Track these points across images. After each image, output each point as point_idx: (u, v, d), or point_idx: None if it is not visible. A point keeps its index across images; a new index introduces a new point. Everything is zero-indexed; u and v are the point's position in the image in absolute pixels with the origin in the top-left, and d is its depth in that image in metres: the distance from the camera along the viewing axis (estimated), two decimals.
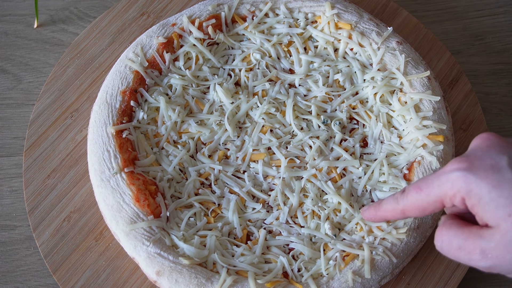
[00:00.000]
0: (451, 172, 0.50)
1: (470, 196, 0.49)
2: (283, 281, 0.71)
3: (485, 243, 0.49)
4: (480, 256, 0.50)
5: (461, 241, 0.51)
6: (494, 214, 0.48)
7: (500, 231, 0.48)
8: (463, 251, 0.51)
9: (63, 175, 0.82)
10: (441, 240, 0.53)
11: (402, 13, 0.96)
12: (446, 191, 0.51)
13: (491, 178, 0.48)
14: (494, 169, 0.49)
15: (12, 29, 0.99)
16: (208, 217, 0.76)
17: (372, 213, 0.59)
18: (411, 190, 0.54)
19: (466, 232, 0.51)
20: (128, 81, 0.80)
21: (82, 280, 0.75)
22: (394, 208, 0.56)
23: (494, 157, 0.49)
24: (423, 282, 0.77)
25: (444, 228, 0.53)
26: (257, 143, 0.80)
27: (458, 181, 0.49)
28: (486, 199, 0.48)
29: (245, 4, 0.87)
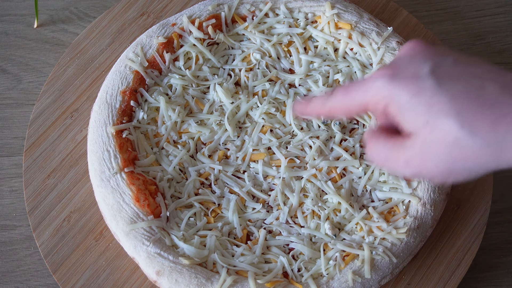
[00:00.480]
0: (376, 79, 0.51)
1: (392, 104, 0.50)
2: (283, 281, 0.71)
3: (407, 152, 0.50)
4: (404, 164, 0.51)
5: (387, 151, 0.52)
6: (413, 122, 0.49)
7: (419, 138, 0.49)
8: (389, 161, 0.52)
9: (63, 175, 0.82)
10: (370, 151, 0.54)
11: (402, 13, 0.96)
12: (370, 97, 0.51)
13: (412, 86, 0.48)
14: (416, 76, 0.49)
15: (12, 29, 0.99)
16: (208, 217, 0.76)
17: (301, 108, 0.59)
18: (339, 92, 0.54)
19: (391, 142, 0.52)
20: (128, 81, 0.80)
21: (82, 280, 0.75)
22: (322, 107, 0.57)
23: (418, 65, 0.50)
24: (423, 282, 0.77)
25: (373, 140, 0.54)
26: (257, 143, 0.80)
27: (382, 88, 0.50)
28: (406, 107, 0.49)
29: (245, 4, 0.87)
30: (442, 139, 0.47)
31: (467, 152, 0.47)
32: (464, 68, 0.49)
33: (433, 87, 0.48)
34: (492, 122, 0.46)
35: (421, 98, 0.48)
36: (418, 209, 0.75)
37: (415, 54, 0.51)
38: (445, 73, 0.49)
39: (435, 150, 0.48)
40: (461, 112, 0.46)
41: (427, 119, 0.48)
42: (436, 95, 0.47)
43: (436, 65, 0.49)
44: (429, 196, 0.75)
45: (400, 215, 0.75)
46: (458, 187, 0.83)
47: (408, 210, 0.75)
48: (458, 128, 0.46)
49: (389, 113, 0.51)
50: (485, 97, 0.46)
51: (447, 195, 0.78)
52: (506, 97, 0.46)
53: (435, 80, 0.48)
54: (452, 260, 0.78)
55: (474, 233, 0.80)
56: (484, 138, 0.46)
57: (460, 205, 0.82)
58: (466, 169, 0.48)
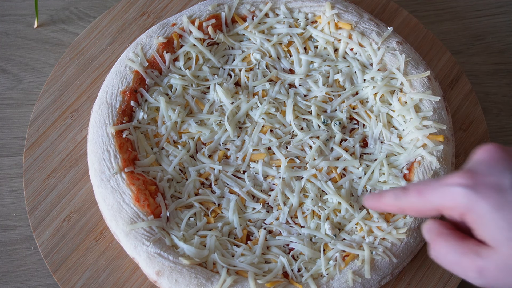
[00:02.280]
0: (454, 186, 0.49)
1: (470, 213, 0.49)
2: (283, 281, 0.71)
3: (482, 262, 0.48)
4: (477, 274, 0.49)
5: (458, 257, 0.50)
6: (494, 235, 0.47)
7: (499, 253, 0.47)
8: (459, 267, 0.50)
9: (63, 175, 0.82)
10: (437, 251, 0.52)
11: (402, 13, 0.96)
12: (446, 203, 0.50)
13: (494, 199, 0.47)
14: (497, 189, 0.48)
15: (12, 29, 0.99)
16: (208, 217, 0.76)
17: (373, 203, 0.59)
18: (412, 192, 0.53)
19: (464, 247, 0.50)
20: (128, 81, 0.80)
21: (82, 280, 0.75)
22: (394, 204, 0.56)
23: (498, 175, 0.48)
24: (423, 282, 0.77)
25: (441, 240, 0.52)
26: (257, 143, 0.80)
27: (460, 196, 0.49)
28: (487, 219, 0.47)
29: (245, 4, 0.87)
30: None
31: None
32: None
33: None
34: None
35: (504, 213, 0.47)
36: None
37: (495, 162, 0.50)
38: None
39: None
40: None
41: (510, 236, 0.46)
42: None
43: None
44: None
45: (400, 215, 0.75)
46: None
47: None
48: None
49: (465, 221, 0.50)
50: None
51: None
52: None
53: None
54: None
55: None
56: None
57: None
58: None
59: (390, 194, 0.56)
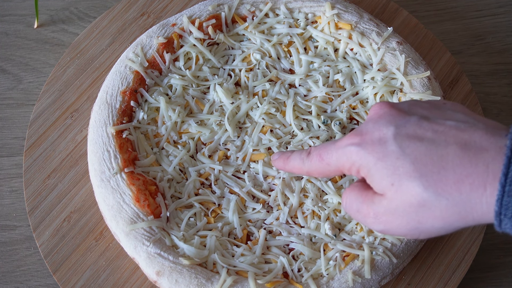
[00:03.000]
0: (346, 147, 0.54)
1: (361, 168, 0.53)
2: (283, 281, 0.71)
3: (375, 207, 0.53)
4: (374, 219, 0.53)
5: (359, 204, 0.55)
6: (380, 184, 0.51)
7: (387, 198, 0.51)
8: (360, 214, 0.55)
9: (63, 175, 0.82)
10: (345, 201, 0.57)
11: (402, 13, 0.96)
12: (343, 163, 0.55)
13: (377, 151, 0.51)
14: (381, 141, 0.52)
15: (12, 29, 0.99)
16: (208, 217, 0.76)
17: (281, 164, 0.63)
18: (314, 157, 0.58)
19: (364, 196, 0.54)
20: (128, 81, 0.80)
21: (82, 280, 0.75)
22: (300, 167, 0.60)
23: (382, 129, 0.52)
24: (423, 282, 0.77)
25: (348, 190, 0.57)
26: (257, 143, 0.80)
27: (351, 155, 0.53)
28: (373, 171, 0.52)
29: (245, 4, 0.87)
30: (408, 200, 0.49)
31: (434, 212, 0.49)
32: (428, 126, 0.51)
33: (397, 151, 0.50)
34: (456, 182, 0.47)
35: (386, 163, 0.50)
36: None
37: (380, 118, 0.54)
38: (407, 135, 0.50)
39: (402, 210, 0.50)
40: (424, 174, 0.48)
41: (392, 182, 0.50)
42: (399, 159, 0.50)
43: (399, 127, 0.51)
44: None
45: None
46: None
47: None
48: (423, 190, 0.48)
49: (363, 177, 0.54)
50: (447, 158, 0.48)
51: None
52: (467, 158, 0.47)
53: (398, 144, 0.50)
54: (452, 260, 0.78)
55: (474, 233, 0.80)
56: (449, 198, 0.47)
57: None
58: (436, 228, 0.50)
59: (296, 157, 0.61)
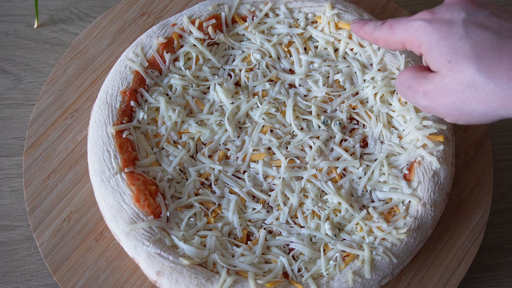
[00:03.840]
0: (415, 20, 0.56)
1: (424, 44, 0.55)
2: (283, 281, 0.71)
3: (427, 84, 0.55)
4: (422, 95, 0.56)
5: (411, 81, 0.57)
6: (437, 60, 0.54)
7: (440, 75, 0.54)
8: (410, 89, 0.57)
9: (63, 175, 0.82)
10: (399, 78, 0.59)
11: (402, 13, 0.96)
12: (408, 36, 0.57)
13: (443, 30, 0.54)
14: (450, 23, 0.54)
15: (12, 29, 0.99)
16: (208, 217, 0.76)
17: (357, 28, 0.65)
18: (386, 26, 0.60)
19: (418, 74, 0.57)
20: (128, 81, 0.80)
21: (82, 280, 0.75)
22: (371, 34, 0.63)
23: (454, 13, 0.55)
24: (423, 282, 0.77)
25: (404, 70, 0.59)
26: (257, 143, 0.80)
27: (418, 29, 0.56)
28: (434, 47, 0.54)
29: (245, 4, 0.87)
30: (459, 78, 0.52)
31: (480, 94, 0.51)
32: (497, 20, 0.53)
33: (461, 33, 0.53)
34: (507, 69, 0.50)
35: (448, 41, 0.53)
36: (418, 210, 0.75)
37: (454, 3, 0.56)
38: (476, 22, 0.53)
39: (451, 87, 0.53)
40: (481, 57, 0.51)
41: (449, 59, 0.52)
42: (462, 40, 0.52)
43: (470, 15, 0.54)
44: (429, 197, 0.75)
45: (400, 215, 0.75)
46: (458, 187, 0.83)
47: (408, 210, 0.75)
48: (475, 70, 0.51)
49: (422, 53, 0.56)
50: (506, 48, 0.51)
51: (447, 196, 0.78)
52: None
53: (465, 28, 0.53)
54: (452, 261, 0.78)
55: (474, 233, 0.80)
56: (497, 82, 0.50)
57: (460, 205, 0.82)
58: (478, 111, 0.53)
59: (370, 24, 0.63)
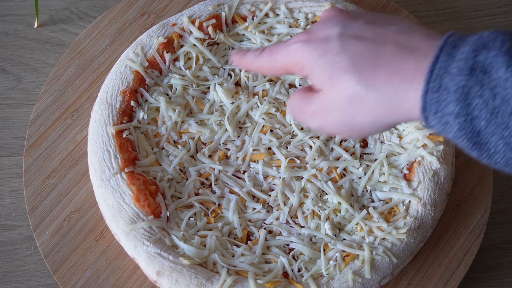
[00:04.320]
0: (293, 43, 0.55)
1: (305, 65, 0.54)
2: (283, 281, 0.71)
3: (313, 104, 0.54)
4: (311, 116, 0.55)
5: (300, 104, 0.56)
6: (319, 79, 0.53)
7: (323, 93, 0.53)
8: (300, 112, 0.56)
9: (63, 175, 0.82)
10: (290, 102, 0.58)
11: (403, 13, 0.96)
12: (289, 60, 0.56)
13: (320, 48, 0.53)
14: (326, 39, 0.53)
15: (12, 29, 0.99)
16: (208, 217, 0.76)
17: (237, 60, 0.63)
18: (265, 53, 0.59)
19: (305, 95, 0.56)
20: (128, 81, 0.80)
21: (82, 280, 0.75)
22: (252, 64, 0.61)
23: (329, 29, 0.54)
24: (423, 282, 0.77)
25: (294, 94, 0.58)
26: (257, 143, 0.80)
27: (297, 51, 0.54)
28: (314, 66, 0.53)
29: (245, 4, 0.87)
30: (341, 93, 0.51)
31: (364, 105, 0.51)
32: (372, 29, 0.53)
33: (338, 48, 0.52)
34: (386, 76, 0.49)
35: (327, 58, 0.52)
36: (419, 209, 0.75)
37: (328, 19, 0.55)
38: (351, 35, 0.52)
39: (336, 104, 0.52)
40: (359, 69, 0.50)
41: (329, 76, 0.52)
42: (339, 54, 0.51)
43: (345, 28, 0.53)
44: (429, 197, 0.75)
45: (400, 215, 0.75)
46: (458, 187, 0.83)
47: (408, 210, 0.75)
48: (356, 83, 0.50)
49: (305, 76, 0.55)
50: (382, 56, 0.50)
51: (447, 195, 0.78)
52: (400, 55, 0.50)
53: (340, 41, 0.52)
54: (452, 260, 0.78)
55: (474, 233, 0.80)
56: (379, 92, 0.50)
57: (460, 205, 0.82)
58: (366, 123, 0.52)
59: (250, 54, 0.61)
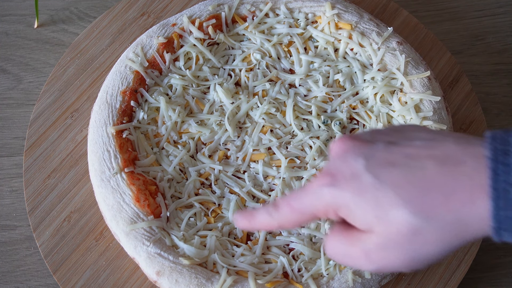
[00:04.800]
0: (317, 189, 0.50)
1: (340, 208, 0.49)
2: (283, 281, 0.71)
3: (365, 247, 0.49)
4: (365, 260, 0.49)
5: (346, 247, 0.50)
6: (364, 220, 0.48)
7: (375, 234, 0.48)
8: (349, 257, 0.51)
9: (63, 175, 0.82)
10: (329, 248, 0.52)
11: (403, 13, 0.96)
12: (318, 208, 0.50)
13: (353, 187, 0.48)
14: (354, 176, 0.48)
15: (12, 29, 0.99)
16: (208, 217, 0.76)
17: (246, 223, 0.57)
18: (284, 208, 0.53)
19: (349, 238, 0.50)
20: (128, 81, 0.80)
21: (82, 280, 0.75)
22: (269, 223, 0.55)
23: (352, 163, 0.49)
24: (423, 282, 0.77)
25: (330, 236, 0.52)
26: (257, 143, 0.80)
27: (325, 197, 0.49)
28: (353, 208, 0.48)
29: (245, 4, 0.87)
30: (398, 230, 0.46)
31: (428, 237, 0.46)
32: (397, 151, 0.48)
33: (373, 182, 0.47)
34: (443, 203, 0.45)
35: (365, 196, 0.47)
36: None
37: (345, 153, 0.51)
38: (379, 163, 0.48)
39: (394, 242, 0.47)
40: (409, 200, 0.46)
41: (376, 215, 0.47)
42: (378, 189, 0.47)
43: (369, 158, 0.48)
44: None
45: None
46: None
47: None
48: (412, 216, 0.45)
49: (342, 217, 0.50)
50: (427, 179, 0.46)
51: None
52: (446, 174, 0.45)
53: (372, 174, 0.47)
54: (452, 260, 0.78)
55: None
56: (441, 220, 0.45)
57: None
58: (433, 252, 0.47)
59: (261, 211, 0.55)
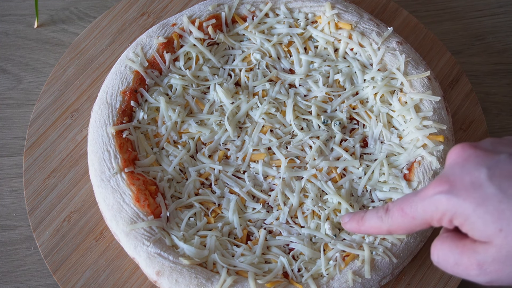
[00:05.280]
0: (434, 195, 0.49)
1: (456, 217, 0.48)
2: (283, 281, 0.71)
3: (481, 257, 0.48)
4: (478, 271, 0.49)
5: (457, 257, 0.50)
6: (484, 231, 0.47)
7: (495, 246, 0.47)
8: (460, 267, 0.50)
9: (63, 175, 0.82)
10: (437, 255, 0.52)
11: (402, 13, 0.96)
12: (432, 214, 0.50)
13: (473, 196, 0.47)
14: (475, 185, 0.47)
15: (12, 29, 0.99)
16: (208, 217, 0.76)
17: (355, 226, 0.58)
18: (395, 212, 0.53)
19: (461, 247, 0.50)
20: (128, 81, 0.80)
21: (82, 280, 0.75)
22: (379, 226, 0.55)
23: (473, 172, 0.48)
24: (423, 282, 0.77)
25: (439, 243, 0.52)
26: (257, 143, 0.80)
27: (442, 204, 0.49)
28: (473, 218, 0.47)
29: (245, 4, 0.87)
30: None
31: None
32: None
33: (497, 194, 0.46)
34: None
35: (487, 207, 0.46)
36: None
37: (465, 161, 0.50)
38: (504, 175, 0.47)
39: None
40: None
41: (499, 227, 0.46)
42: (502, 202, 0.46)
43: (492, 169, 0.48)
44: None
45: None
46: None
47: None
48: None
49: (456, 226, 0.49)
50: None
51: None
52: None
53: (495, 185, 0.46)
54: None
55: None
56: None
57: None
58: None
59: (372, 215, 0.55)
